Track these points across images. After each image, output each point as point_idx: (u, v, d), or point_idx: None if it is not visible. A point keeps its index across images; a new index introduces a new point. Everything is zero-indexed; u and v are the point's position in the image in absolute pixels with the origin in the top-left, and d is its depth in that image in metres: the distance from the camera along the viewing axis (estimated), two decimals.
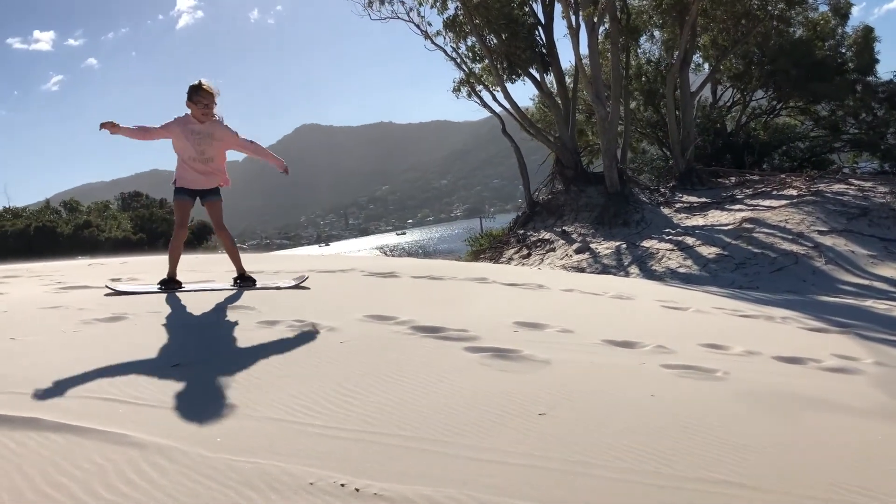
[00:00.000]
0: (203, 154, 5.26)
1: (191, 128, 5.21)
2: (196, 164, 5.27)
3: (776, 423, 3.15)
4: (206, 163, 5.29)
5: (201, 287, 5.53)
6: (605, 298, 6.38)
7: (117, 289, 5.39)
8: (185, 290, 5.32)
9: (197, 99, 5.15)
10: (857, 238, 12.32)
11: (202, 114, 5.18)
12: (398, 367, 3.44)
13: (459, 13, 18.85)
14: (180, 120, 5.25)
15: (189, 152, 5.24)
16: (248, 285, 5.51)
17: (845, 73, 22.67)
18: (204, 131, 5.22)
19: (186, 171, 5.31)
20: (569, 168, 19.23)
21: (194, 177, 5.31)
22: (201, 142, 5.22)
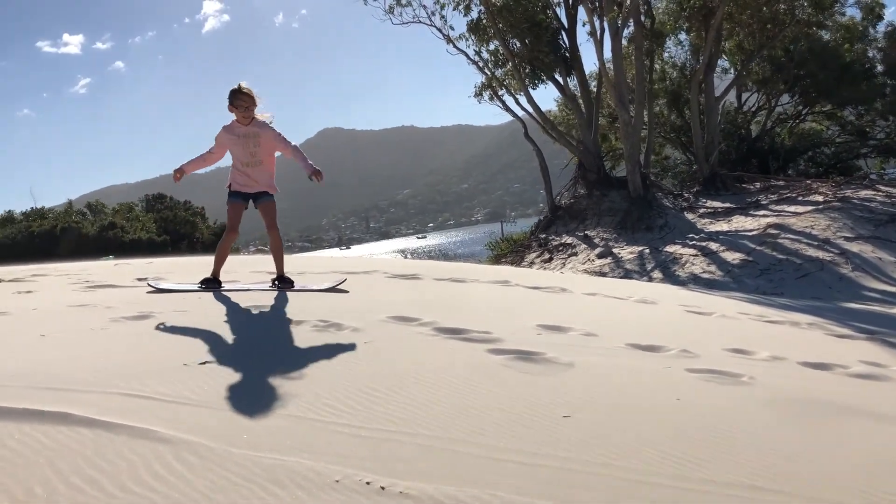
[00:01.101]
0: (254, 157, 5.34)
1: (237, 132, 5.31)
2: (247, 169, 5.37)
3: (804, 428, 3.11)
4: (257, 165, 5.37)
5: (240, 287, 5.58)
6: (628, 302, 6.35)
7: (159, 286, 5.48)
8: (223, 290, 5.38)
9: (238, 102, 5.23)
10: (885, 245, 12.15)
11: (243, 116, 5.26)
12: (422, 367, 3.44)
13: (483, 17, 18.85)
14: (226, 128, 5.36)
15: (241, 157, 5.35)
16: (286, 287, 5.53)
17: (873, 76, 22.38)
18: (249, 133, 5.30)
19: (238, 175, 5.41)
20: (591, 172, 19.15)
21: (246, 180, 5.40)
22: (248, 144, 5.30)
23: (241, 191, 5.43)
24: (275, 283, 5.63)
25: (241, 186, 5.43)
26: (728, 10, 18.30)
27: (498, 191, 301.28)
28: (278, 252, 5.63)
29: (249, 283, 5.85)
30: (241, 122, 5.29)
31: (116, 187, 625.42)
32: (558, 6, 19.20)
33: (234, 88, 5.28)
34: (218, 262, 5.54)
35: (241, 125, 5.30)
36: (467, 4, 18.98)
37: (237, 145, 5.31)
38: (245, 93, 5.24)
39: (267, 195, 5.50)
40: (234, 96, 5.24)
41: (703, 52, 18.30)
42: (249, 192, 5.45)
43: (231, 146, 5.35)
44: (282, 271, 5.63)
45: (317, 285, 5.75)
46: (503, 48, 19.00)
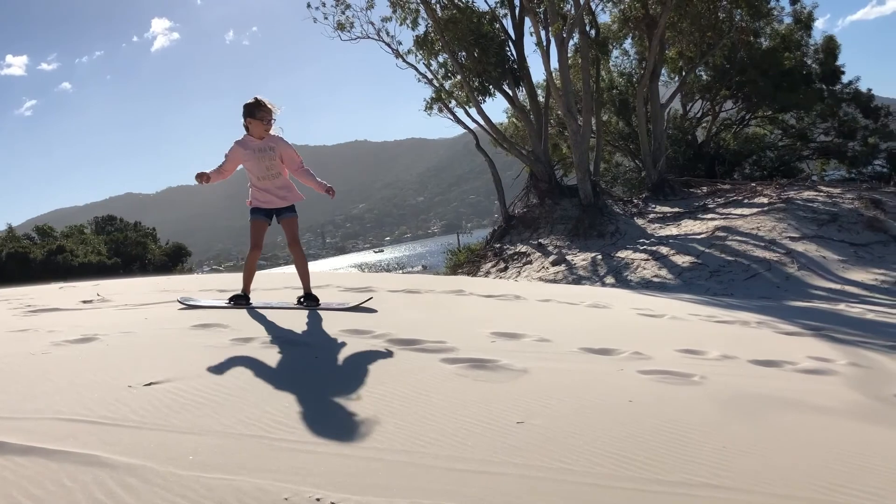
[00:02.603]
0: (270, 170, 5.24)
1: (252, 146, 5.20)
2: (265, 183, 5.25)
3: (755, 425, 3.16)
4: (275, 178, 5.27)
5: (268, 305, 5.52)
6: (581, 307, 6.40)
7: (189, 303, 5.42)
8: (252, 307, 5.33)
9: (261, 115, 5.13)
10: (828, 243, 12.49)
11: (264, 129, 5.16)
12: (375, 379, 3.41)
13: (430, 31, 18.95)
14: (239, 143, 5.24)
15: (256, 171, 5.23)
16: (313, 304, 5.43)
17: (811, 82, 23.10)
18: (264, 146, 5.20)
19: (258, 191, 5.30)
20: (543, 181, 19.33)
21: (267, 197, 5.30)
22: (264, 157, 5.20)
23: (262, 207, 5.32)
24: (301, 300, 5.51)
25: (262, 203, 5.31)
26: (670, 19, 18.71)
27: (454, 202, 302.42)
28: (303, 269, 5.50)
29: (277, 301, 5.76)
30: (256, 135, 5.17)
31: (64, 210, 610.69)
32: (505, 18, 19.41)
33: (252, 102, 5.16)
34: (246, 279, 5.45)
35: (255, 139, 5.19)
36: (414, 19, 19.08)
37: (251, 160, 5.19)
38: (267, 106, 5.15)
39: (289, 210, 5.37)
40: (257, 109, 5.13)
41: (648, 60, 18.66)
42: (271, 208, 5.34)
43: (245, 161, 5.22)
44: (308, 288, 5.51)
45: (339, 303, 5.65)
46: (451, 61, 19.12)
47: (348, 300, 5.78)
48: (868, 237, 12.92)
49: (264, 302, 5.65)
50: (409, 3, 18.94)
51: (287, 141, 5.31)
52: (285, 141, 5.30)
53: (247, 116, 5.15)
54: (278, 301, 5.77)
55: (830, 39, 23.28)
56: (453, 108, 20.48)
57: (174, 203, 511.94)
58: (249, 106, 5.15)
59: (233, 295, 5.50)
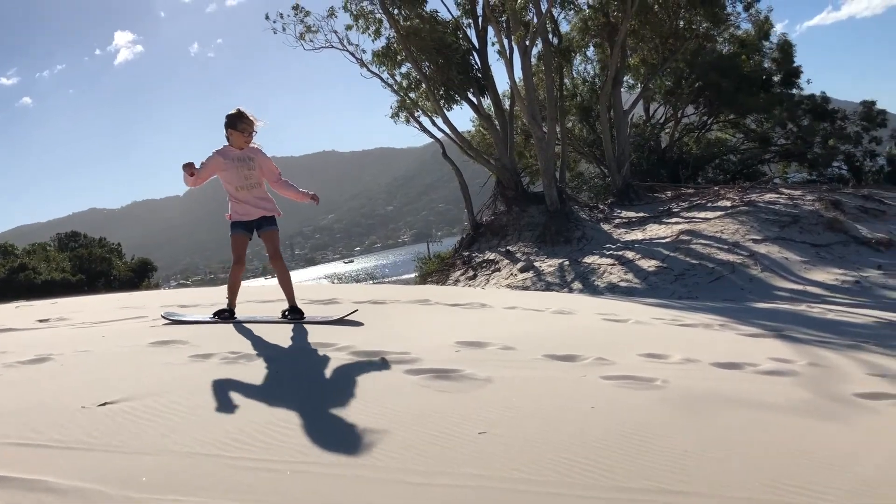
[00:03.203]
0: (248, 180, 5.19)
1: (232, 156, 5.15)
2: (244, 193, 5.20)
3: (716, 428, 3.18)
4: (254, 188, 5.22)
5: (253, 319, 5.45)
6: (546, 314, 6.41)
7: (173, 318, 5.35)
8: (234, 321, 5.28)
9: (242, 127, 5.10)
10: (790, 245, 12.70)
11: (245, 141, 5.13)
12: (336, 394, 3.37)
13: (393, 41, 18.96)
14: (219, 152, 5.19)
15: (235, 181, 5.17)
16: (297, 318, 5.37)
17: (771, 86, 23.52)
18: (244, 156, 5.16)
19: (237, 204, 5.24)
20: (510, 189, 19.42)
21: (246, 209, 5.24)
22: (242, 167, 5.15)
23: (241, 220, 5.27)
24: (285, 314, 5.45)
25: (241, 216, 5.26)
26: (631, 26, 18.94)
27: (423, 211, 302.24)
28: (286, 282, 5.45)
29: (262, 315, 5.68)
30: (238, 145, 5.14)
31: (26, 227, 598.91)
32: (468, 28, 19.50)
33: (234, 113, 5.13)
34: (231, 295, 5.41)
35: (236, 150, 5.15)
36: (377, 29, 19.08)
37: (230, 169, 5.13)
38: (249, 118, 5.12)
39: (269, 223, 5.32)
40: (239, 120, 5.09)
41: (610, 67, 18.87)
42: (251, 220, 5.28)
43: (223, 171, 5.16)
44: (293, 301, 5.45)
45: (324, 316, 5.58)
46: (416, 71, 19.14)
47: (330, 313, 5.73)
48: (829, 238, 13.16)
49: (249, 316, 5.58)
50: (371, 14, 18.96)
51: (265, 153, 5.28)
52: (264, 153, 5.27)
53: (228, 127, 5.12)
54: (263, 315, 5.70)
55: (787, 44, 23.76)
56: (419, 118, 20.52)
57: (139, 218, 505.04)
58: (232, 117, 5.12)
59: (218, 310, 5.45)
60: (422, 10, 18.81)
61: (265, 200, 5.30)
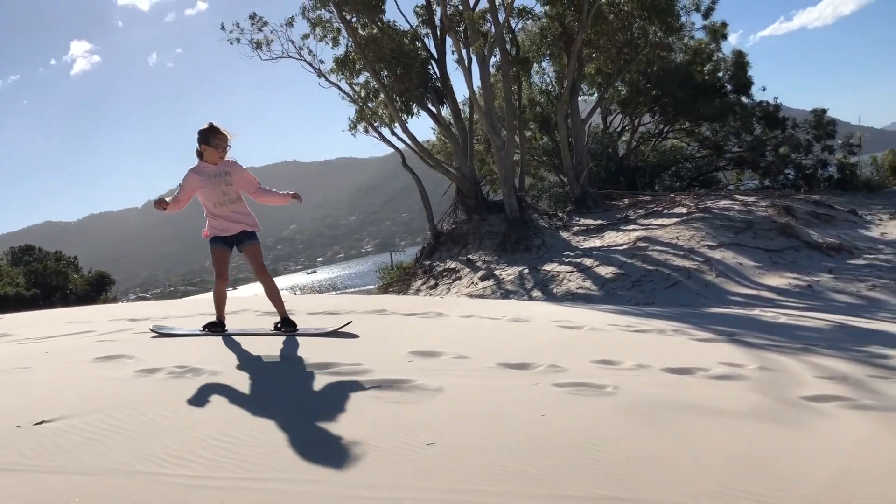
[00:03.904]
0: (226, 195, 5.09)
1: (207, 172, 5.05)
2: (222, 210, 5.10)
3: (663, 434, 3.20)
4: (232, 204, 5.13)
5: (244, 331, 5.36)
6: (502, 322, 6.41)
7: (162, 332, 5.28)
8: (227, 334, 5.20)
9: (216, 142, 5.01)
10: (744, 250, 12.92)
11: (219, 157, 5.04)
12: (281, 407, 3.32)
13: (351, 50, 18.90)
14: (194, 170, 5.09)
15: (212, 197, 5.07)
16: (290, 330, 5.28)
17: (724, 95, 23.98)
18: (219, 171, 5.06)
19: (215, 219, 5.14)
20: (470, 197, 19.46)
21: (225, 224, 5.14)
22: (220, 183, 5.06)
23: (221, 236, 5.17)
24: (277, 326, 5.37)
25: (220, 231, 5.16)
26: (587, 36, 19.16)
27: (386, 221, 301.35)
28: (275, 296, 5.37)
29: (254, 328, 5.60)
30: (212, 161, 5.05)
31: None
32: (427, 37, 19.53)
33: (207, 128, 5.04)
34: (219, 308, 5.31)
35: (210, 165, 5.06)
36: (334, 38, 19.00)
37: (207, 186, 5.04)
38: (223, 132, 5.04)
39: (249, 237, 5.24)
40: (212, 135, 5.01)
41: (567, 77, 19.06)
42: (230, 236, 5.18)
43: (200, 188, 5.06)
44: (284, 314, 5.37)
45: (318, 328, 5.50)
46: (374, 80, 19.11)
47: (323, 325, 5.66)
48: (781, 243, 13.42)
49: (240, 329, 5.51)
50: (329, 23, 18.90)
51: (240, 165, 5.20)
52: (240, 165, 5.19)
53: (201, 143, 5.04)
54: (255, 327, 5.63)
55: (740, 54, 24.27)
56: (378, 127, 20.47)
57: (97, 230, 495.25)
58: (204, 132, 5.04)
59: (208, 322, 5.37)
60: (380, 19, 18.79)
61: (244, 215, 5.22)
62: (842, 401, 3.89)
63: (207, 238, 5.20)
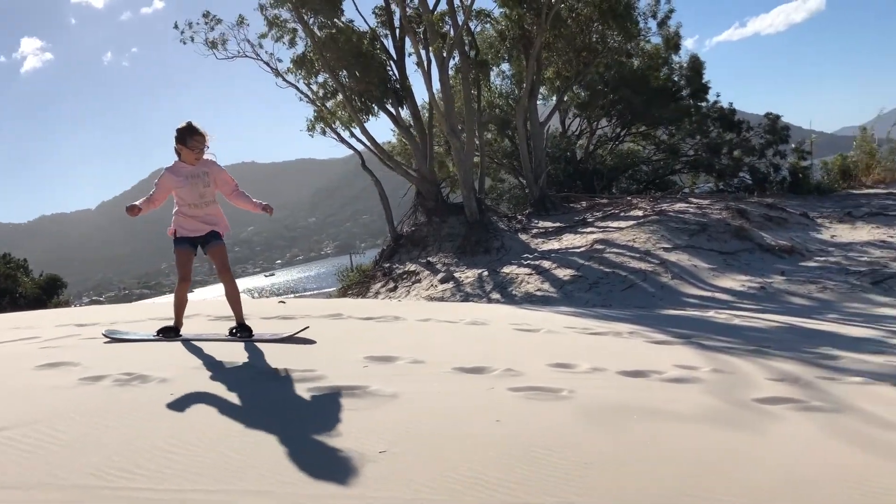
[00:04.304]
0: (203, 197, 4.99)
1: (184, 172, 4.93)
2: (196, 211, 4.99)
3: (618, 438, 3.19)
4: (208, 206, 5.02)
5: (200, 336, 5.21)
6: (460, 326, 6.38)
7: (114, 337, 5.11)
8: (179, 339, 5.06)
9: (192, 144, 4.89)
10: (699, 252, 13.11)
11: (195, 158, 4.92)
12: (231, 417, 3.24)
13: (309, 50, 18.72)
14: (171, 170, 4.96)
15: (188, 198, 4.95)
16: (246, 335, 5.16)
17: (680, 99, 24.33)
18: (197, 172, 4.94)
19: (185, 219, 5.01)
20: (429, 200, 19.42)
21: (194, 225, 5.02)
22: (198, 184, 4.94)
23: (188, 236, 5.04)
24: (233, 331, 5.25)
25: (188, 231, 5.03)
26: (545, 39, 19.27)
27: (347, 223, 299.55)
28: (234, 299, 5.25)
29: (208, 333, 5.45)
30: (188, 161, 4.94)
31: None
32: (386, 38, 19.45)
33: (184, 127, 4.92)
34: (178, 312, 5.20)
35: (188, 165, 4.95)
36: (292, 38, 18.80)
37: (184, 187, 4.93)
38: (200, 132, 4.93)
39: (215, 238, 5.12)
40: (189, 135, 4.90)
41: (526, 79, 19.14)
42: (198, 237, 5.07)
43: (177, 188, 4.95)
44: (241, 319, 5.25)
45: (273, 334, 5.38)
46: (333, 80, 18.95)
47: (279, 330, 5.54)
48: (735, 245, 13.65)
49: (196, 334, 5.38)
50: (286, 22, 18.69)
51: (219, 165, 5.11)
52: (218, 165, 5.10)
53: (178, 142, 4.94)
54: (210, 333, 5.50)
55: (695, 58, 24.67)
56: (337, 128, 20.30)
57: (48, 232, 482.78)
58: (182, 131, 4.93)
59: (163, 327, 5.24)
60: (338, 19, 18.65)
61: (217, 217, 5.14)
62: (792, 403, 3.94)
63: (172, 237, 5.08)
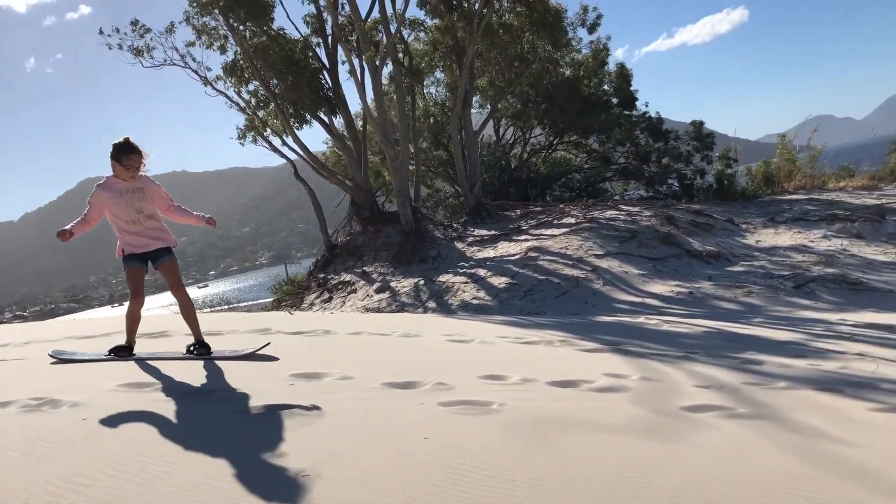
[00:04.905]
0: (141, 212, 4.81)
1: (117, 189, 4.75)
2: (136, 227, 4.81)
3: (545, 451, 3.17)
4: (147, 220, 4.85)
5: (155, 355, 5.00)
6: (392, 338, 6.30)
7: (62, 357, 4.86)
8: (135, 358, 4.85)
9: (127, 162, 4.72)
10: (629, 259, 13.33)
11: (129, 176, 4.75)
12: (142, 440, 3.09)
13: (239, 57, 18.37)
14: (102, 186, 4.77)
15: (126, 215, 4.77)
16: (204, 353, 4.99)
17: (610, 108, 24.83)
18: (132, 187, 4.77)
19: (128, 236, 4.83)
20: (364, 209, 19.26)
21: (140, 241, 4.84)
22: (134, 199, 4.77)
23: (135, 252, 4.86)
24: (191, 349, 5.06)
25: (134, 248, 4.86)
26: (478, 49, 19.39)
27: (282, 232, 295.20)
28: (190, 315, 5.07)
29: (165, 351, 5.23)
30: (122, 177, 4.76)
31: None
32: (318, 46, 19.21)
33: (121, 143, 4.74)
34: (130, 330, 4.98)
35: (121, 181, 4.77)
36: (222, 45, 18.40)
37: (118, 203, 4.75)
38: (138, 150, 4.76)
39: (165, 253, 4.96)
40: (124, 154, 4.72)
41: (459, 88, 19.22)
42: (146, 252, 4.88)
43: (111, 205, 4.76)
44: (199, 336, 5.08)
45: (233, 351, 5.19)
46: (263, 89, 18.64)
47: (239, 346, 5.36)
48: (664, 251, 13.93)
49: (150, 352, 5.17)
50: (215, 30, 18.30)
51: (154, 181, 4.96)
52: (152, 181, 4.96)
53: (113, 159, 4.77)
54: (166, 351, 5.29)
55: (623, 67, 25.25)
56: (269, 137, 19.96)
57: None
58: (118, 148, 4.76)
59: (115, 346, 5.03)
60: (269, 27, 18.35)
61: (161, 230, 4.99)
62: (719, 410, 3.99)
63: (120, 256, 4.93)
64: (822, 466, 3.07)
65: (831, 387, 4.75)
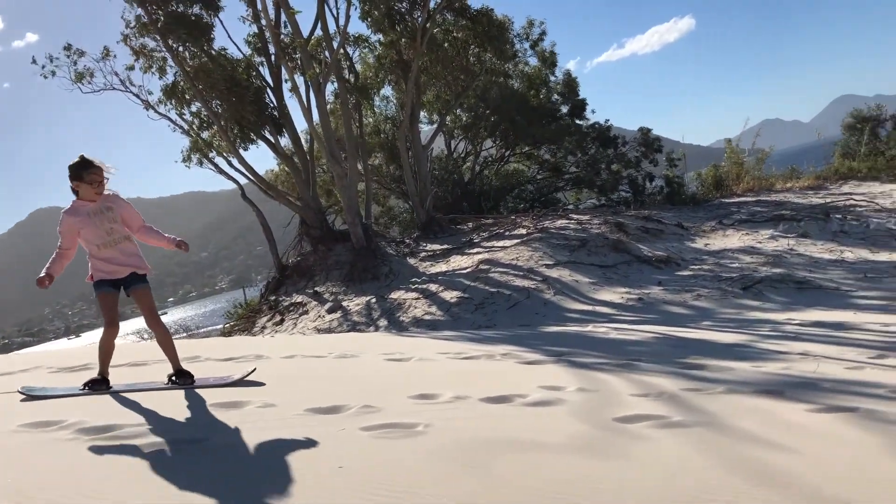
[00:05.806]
0: (112, 234, 4.55)
1: (84, 211, 4.49)
2: (108, 251, 4.55)
3: (471, 475, 3.00)
4: (120, 243, 4.59)
5: (133, 387, 4.74)
6: (327, 360, 6.09)
7: (33, 394, 4.52)
8: (112, 392, 4.59)
9: (89, 178, 4.48)
10: (579, 267, 13.29)
11: (96, 193, 4.50)
12: (47, 484, 2.84)
13: (179, 79, 18.01)
14: (69, 212, 4.52)
15: (95, 239, 4.51)
16: (186, 382, 4.74)
17: (560, 118, 24.99)
18: (100, 208, 4.52)
19: (101, 262, 4.56)
20: (314, 228, 18.99)
21: (111, 267, 4.58)
22: (102, 221, 4.51)
23: (107, 279, 4.59)
24: (171, 379, 4.80)
25: (107, 274, 4.59)
26: (423, 63, 19.34)
27: (241, 255, 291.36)
28: (167, 344, 4.83)
29: (144, 383, 4.94)
30: (88, 198, 4.51)
31: None
32: (261, 66, 18.96)
33: (78, 161, 4.50)
34: (103, 361, 4.70)
35: (87, 203, 4.51)
36: (161, 67, 18.02)
37: (87, 226, 4.49)
38: (97, 164, 4.51)
39: (138, 280, 4.69)
40: (84, 169, 4.48)
41: (406, 104, 19.12)
42: (118, 279, 4.62)
43: (81, 230, 4.51)
44: (178, 365, 4.84)
45: (217, 378, 4.97)
46: (206, 110, 18.30)
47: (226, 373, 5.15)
48: (614, 258, 13.94)
49: (128, 384, 4.88)
50: (154, 52, 17.92)
51: (123, 199, 4.71)
52: (123, 200, 4.71)
53: (73, 179, 4.52)
54: (145, 382, 5.00)
55: (569, 75, 25.49)
56: (214, 159, 19.59)
57: None
58: (75, 167, 4.51)
59: (89, 379, 4.72)
60: (209, 47, 18.04)
61: (134, 256, 4.72)
62: (654, 420, 3.87)
63: (91, 282, 4.67)
64: (752, 476, 2.95)
65: (771, 389, 4.68)
